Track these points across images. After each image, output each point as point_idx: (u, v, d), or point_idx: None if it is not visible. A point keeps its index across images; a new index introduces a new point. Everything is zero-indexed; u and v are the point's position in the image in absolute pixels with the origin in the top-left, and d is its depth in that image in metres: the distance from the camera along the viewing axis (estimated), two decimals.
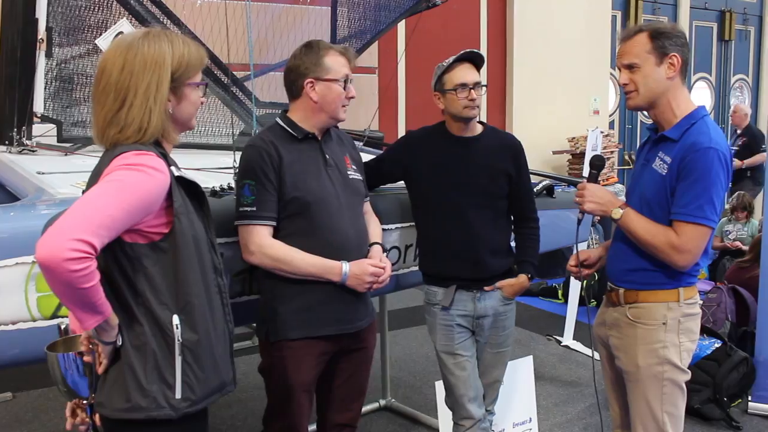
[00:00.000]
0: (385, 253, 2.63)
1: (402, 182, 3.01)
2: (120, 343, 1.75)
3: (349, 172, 2.55)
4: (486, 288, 2.88)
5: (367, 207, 2.70)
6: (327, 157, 2.48)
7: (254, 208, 2.35)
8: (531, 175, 3.06)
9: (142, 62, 1.74)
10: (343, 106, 2.48)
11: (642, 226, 2.37)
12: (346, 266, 2.42)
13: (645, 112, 2.62)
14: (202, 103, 1.91)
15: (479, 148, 2.85)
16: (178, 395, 1.78)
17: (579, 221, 2.62)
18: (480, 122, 2.92)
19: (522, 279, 2.91)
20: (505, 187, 2.86)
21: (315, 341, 2.45)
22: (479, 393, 2.96)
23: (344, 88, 2.46)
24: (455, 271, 2.88)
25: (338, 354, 2.55)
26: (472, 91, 2.75)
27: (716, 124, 2.41)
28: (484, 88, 2.83)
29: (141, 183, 1.67)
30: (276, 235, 2.39)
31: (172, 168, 1.80)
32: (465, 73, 2.77)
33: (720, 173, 2.27)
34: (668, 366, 2.42)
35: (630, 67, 2.37)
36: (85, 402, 1.83)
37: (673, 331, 2.41)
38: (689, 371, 2.47)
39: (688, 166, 2.28)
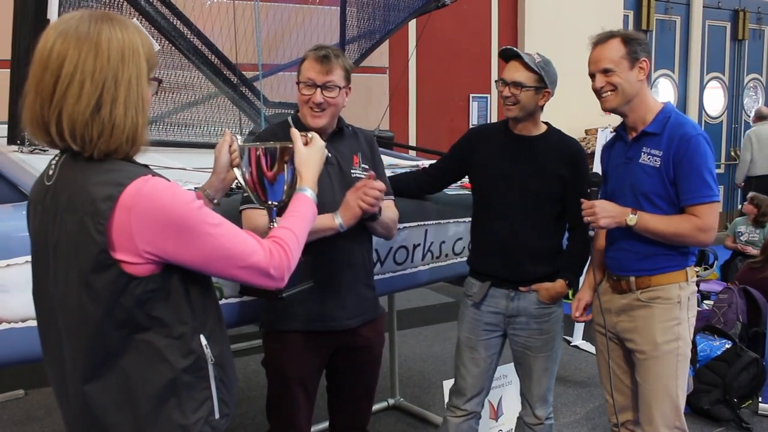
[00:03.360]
0: (378, 216, 2.47)
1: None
2: None
3: (353, 171, 2.54)
4: (521, 288, 2.84)
5: (387, 203, 2.60)
6: (329, 155, 2.47)
7: None
8: None
9: (118, 49, 1.48)
10: (312, 109, 2.43)
11: (662, 222, 2.53)
12: (337, 217, 2.37)
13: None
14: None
15: (536, 149, 2.81)
16: (217, 415, 1.67)
17: (591, 239, 2.66)
18: (545, 123, 2.90)
19: (558, 284, 2.83)
20: (558, 191, 2.79)
21: (303, 334, 2.46)
22: (484, 390, 2.99)
23: (311, 93, 2.41)
24: (491, 269, 2.87)
25: (339, 351, 2.56)
26: (506, 88, 2.73)
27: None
28: (528, 90, 2.71)
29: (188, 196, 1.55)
30: None
31: None
32: (506, 70, 2.78)
33: (711, 154, 2.54)
34: (682, 342, 2.61)
35: (606, 72, 2.56)
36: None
37: (685, 308, 2.60)
38: (691, 343, 2.68)
39: (686, 155, 2.50)
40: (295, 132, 1.92)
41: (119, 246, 1.47)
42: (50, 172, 1.59)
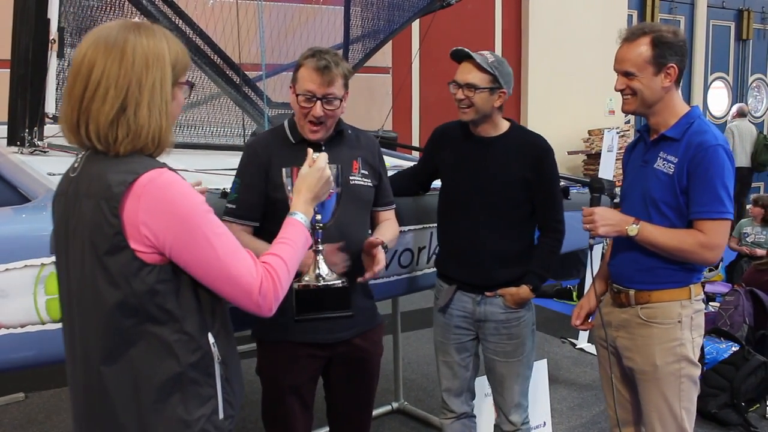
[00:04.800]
0: (386, 251, 2.41)
1: None
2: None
3: (351, 177, 2.43)
4: (487, 294, 2.79)
5: (388, 214, 2.60)
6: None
7: (234, 206, 2.35)
8: None
9: (143, 56, 1.57)
10: (311, 122, 2.33)
11: (665, 235, 2.39)
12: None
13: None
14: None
15: (497, 150, 2.73)
16: (221, 416, 1.68)
17: (591, 247, 2.54)
18: (508, 120, 2.81)
19: (523, 290, 2.76)
20: (522, 193, 2.72)
21: (296, 345, 2.40)
22: (464, 390, 2.95)
23: (310, 106, 2.31)
24: (457, 273, 2.83)
25: (335, 361, 2.50)
26: (460, 90, 2.66)
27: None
28: (482, 92, 2.63)
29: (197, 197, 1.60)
30: (263, 236, 2.29)
31: None
32: (459, 71, 2.69)
33: (730, 168, 2.35)
34: (685, 363, 2.47)
35: (627, 74, 2.41)
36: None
37: (687, 328, 2.46)
38: (700, 365, 2.52)
39: (701, 165, 2.33)
40: (309, 151, 1.94)
41: (129, 233, 1.53)
42: (75, 165, 1.67)
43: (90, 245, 1.55)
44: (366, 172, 2.49)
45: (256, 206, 2.36)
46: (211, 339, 1.65)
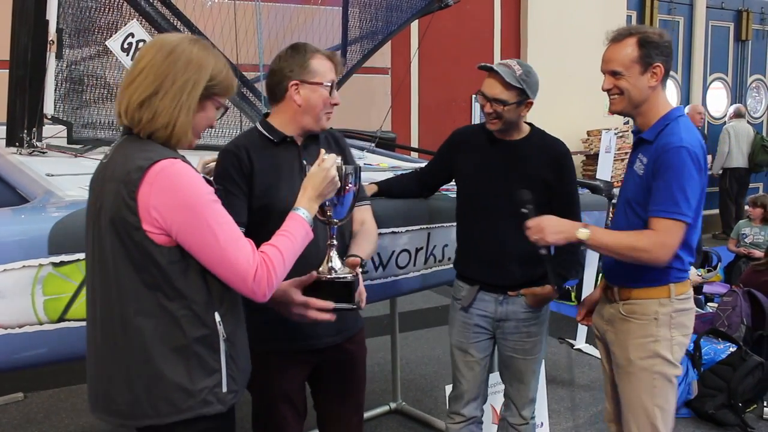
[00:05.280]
0: (365, 267, 2.38)
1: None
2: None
3: None
4: (510, 293, 2.82)
5: (363, 212, 2.52)
6: (304, 162, 2.33)
7: None
8: None
9: (187, 59, 1.80)
10: (327, 113, 2.39)
11: (614, 238, 2.45)
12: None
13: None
14: (212, 126, 1.94)
15: (518, 153, 2.77)
16: (224, 389, 1.84)
17: (546, 256, 2.53)
18: (529, 123, 2.85)
19: (546, 289, 2.80)
20: (542, 195, 2.72)
21: (284, 353, 2.39)
22: (480, 393, 2.97)
23: (330, 94, 2.37)
24: (479, 274, 2.86)
25: (323, 366, 2.49)
26: (488, 104, 2.69)
27: (691, 124, 2.50)
28: (510, 107, 2.66)
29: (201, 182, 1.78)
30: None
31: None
32: (486, 85, 2.72)
33: (692, 171, 2.34)
34: (658, 360, 2.49)
35: (614, 74, 2.46)
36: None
37: (665, 326, 2.48)
38: (680, 366, 2.54)
39: (662, 165, 2.37)
40: (321, 151, 2.03)
41: (142, 215, 1.71)
42: (108, 153, 1.87)
43: (111, 224, 1.74)
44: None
45: (243, 210, 2.32)
46: (217, 318, 1.81)
